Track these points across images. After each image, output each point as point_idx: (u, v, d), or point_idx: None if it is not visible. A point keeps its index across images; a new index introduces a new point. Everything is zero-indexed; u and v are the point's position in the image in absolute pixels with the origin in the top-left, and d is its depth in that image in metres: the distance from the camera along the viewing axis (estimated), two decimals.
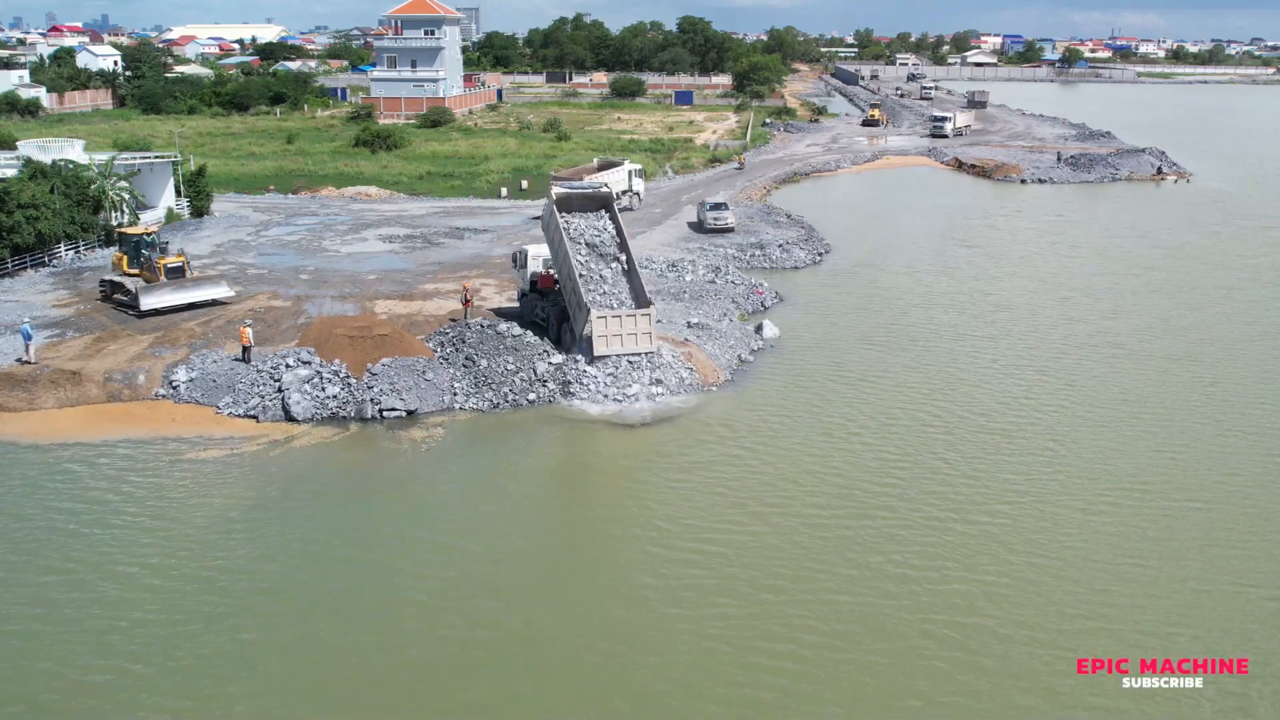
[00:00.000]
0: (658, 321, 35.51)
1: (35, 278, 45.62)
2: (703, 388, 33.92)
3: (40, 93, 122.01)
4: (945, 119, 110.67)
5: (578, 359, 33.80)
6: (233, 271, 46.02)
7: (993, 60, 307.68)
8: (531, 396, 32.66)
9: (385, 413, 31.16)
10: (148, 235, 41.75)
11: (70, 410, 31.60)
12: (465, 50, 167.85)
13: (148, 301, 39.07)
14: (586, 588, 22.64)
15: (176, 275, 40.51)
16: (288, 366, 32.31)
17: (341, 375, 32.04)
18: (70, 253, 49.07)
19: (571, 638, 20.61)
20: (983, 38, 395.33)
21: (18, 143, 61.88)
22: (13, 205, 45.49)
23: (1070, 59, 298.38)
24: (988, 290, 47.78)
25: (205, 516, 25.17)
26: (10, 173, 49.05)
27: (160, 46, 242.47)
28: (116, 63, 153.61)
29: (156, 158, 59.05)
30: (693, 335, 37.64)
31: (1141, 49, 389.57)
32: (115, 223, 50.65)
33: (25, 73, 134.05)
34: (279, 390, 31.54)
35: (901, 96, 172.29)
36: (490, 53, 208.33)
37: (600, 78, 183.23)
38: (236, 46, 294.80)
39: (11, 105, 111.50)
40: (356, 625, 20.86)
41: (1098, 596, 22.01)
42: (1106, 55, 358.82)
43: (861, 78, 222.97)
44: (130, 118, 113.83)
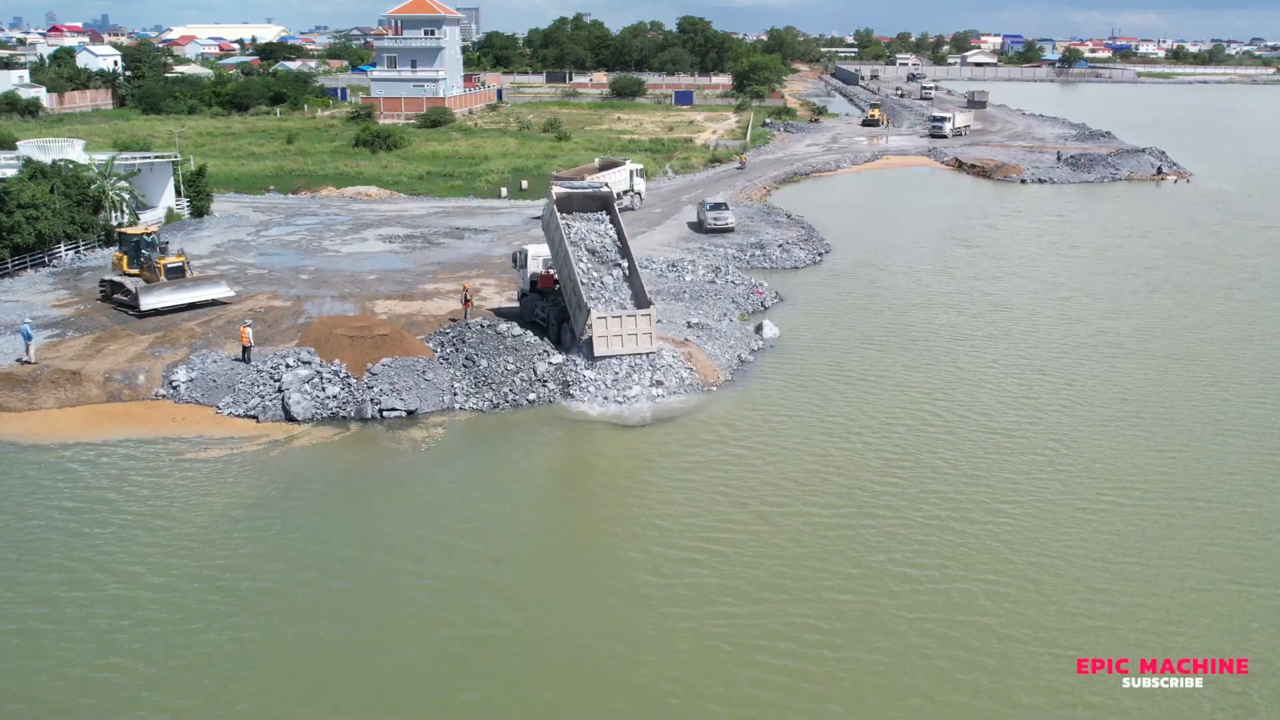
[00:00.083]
0: (658, 322, 35.48)
1: (35, 278, 45.64)
2: (703, 388, 33.92)
3: (40, 93, 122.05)
4: (944, 119, 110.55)
5: (578, 360, 33.81)
6: (233, 271, 46.04)
7: (993, 60, 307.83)
8: (531, 397, 32.67)
9: (385, 413, 31.16)
10: (148, 235, 41.77)
11: (70, 410, 31.61)
12: (465, 50, 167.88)
13: (148, 301, 39.09)
14: (587, 587, 22.65)
15: (176, 275, 40.55)
16: (288, 366, 32.32)
17: (341, 375, 32.05)
18: (70, 253, 49.08)
19: (572, 637, 20.63)
20: (983, 38, 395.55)
21: (18, 143, 61.88)
22: (13, 205, 45.52)
23: (1070, 59, 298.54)
24: (988, 290, 47.80)
25: (206, 516, 25.20)
26: (10, 173, 49.07)
27: (160, 46, 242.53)
28: (116, 63, 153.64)
29: (156, 158, 59.05)
30: (693, 335, 37.65)
31: (1141, 49, 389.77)
32: (115, 223, 50.66)
33: (25, 73, 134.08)
34: (279, 390, 31.56)
35: (901, 96, 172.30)
36: (490, 53, 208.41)
37: (600, 78, 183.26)
38: (236, 46, 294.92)
39: (11, 105, 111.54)
40: (358, 624, 20.88)
41: (1098, 596, 22.04)
42: (1106, 55, 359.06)
43: (861, 78, 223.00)
44: (130, 118, 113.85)
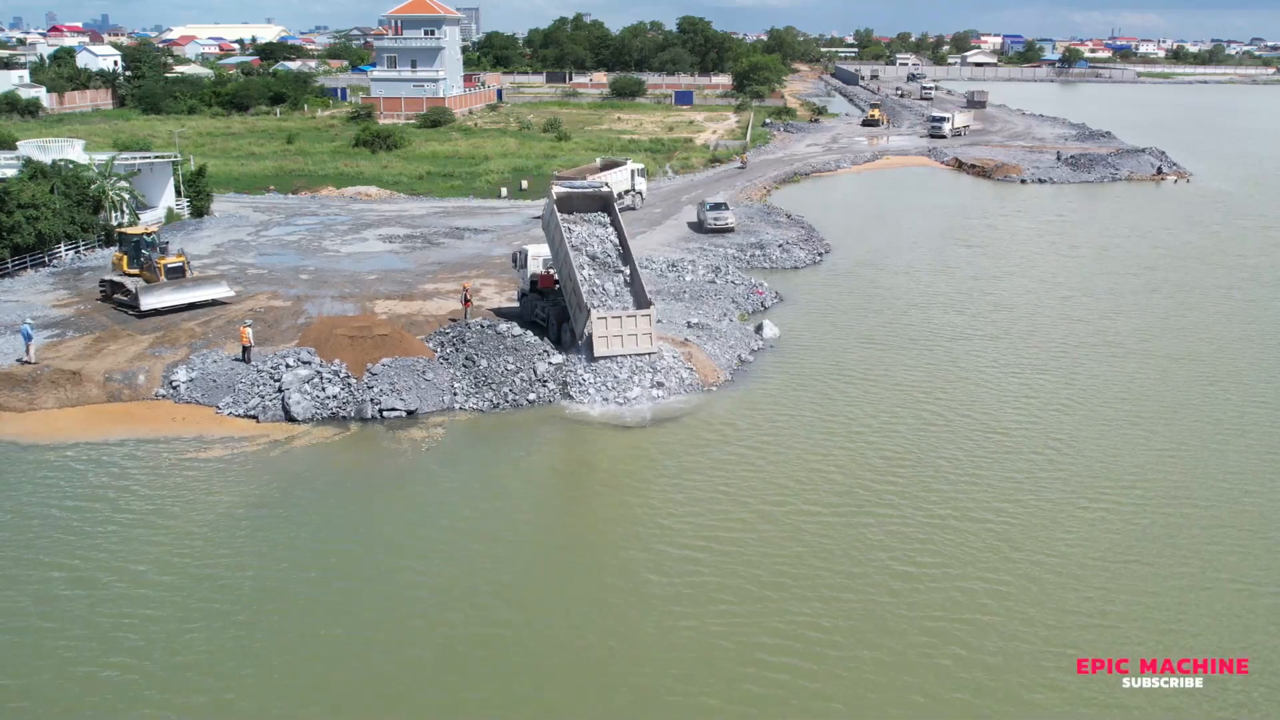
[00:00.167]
0: (658, 321, 35.49)
1: (35, 278, 45.65)
2: (703, 388, 33.92)
3: (40, 93, 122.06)
4: (943, 119, 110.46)
5: (578, 360, 33.81)
6: (233, 271, 46.05)
7: (993, 60, 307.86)
8: (532, 397, 32.68)
9: (385, 413, 31.17)
10: (148, 235, 41.77)
11: (70, 410, 31.62)
12: (465, 50, 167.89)
13: (148, 301, 39.10)
14: (588, 586, 22.66)
15: (176, 275, 40.55)
16: (288, 366, 32.33)
17: (341, 375, 32.06)
18: (70, 253, 49.09)
19: (573, 636, 20.65)
20: (983, 38, 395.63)
21: (18, 143, 61.88)
22: (13, 205, 45.52)
23: (1070, 59, 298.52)
24: (988, 290, 47.82)
25: (208, 515, 25.21)
26: (10, 173, 49.07)
27: (160, 46, 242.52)
28: (116, 63, 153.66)
29: (156, 158, 59.05)
30: (693, 335, 37.66)
31: (1141, 49, 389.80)
32: (115, 223, 50.66)
33: (25, 73, 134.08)
34: (279, 390, 31.56)
35: (901, 96, 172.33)
36: (490, 53, 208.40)
37: (600, 78, 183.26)
38: (236, 46, 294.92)
39: (11, 105, 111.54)
40: (359, 623, 20.90)
41: (1098, 595, 22.06)
42: (1106, 55, 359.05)
43: (861, 78, 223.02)
44: (130, 118, 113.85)
